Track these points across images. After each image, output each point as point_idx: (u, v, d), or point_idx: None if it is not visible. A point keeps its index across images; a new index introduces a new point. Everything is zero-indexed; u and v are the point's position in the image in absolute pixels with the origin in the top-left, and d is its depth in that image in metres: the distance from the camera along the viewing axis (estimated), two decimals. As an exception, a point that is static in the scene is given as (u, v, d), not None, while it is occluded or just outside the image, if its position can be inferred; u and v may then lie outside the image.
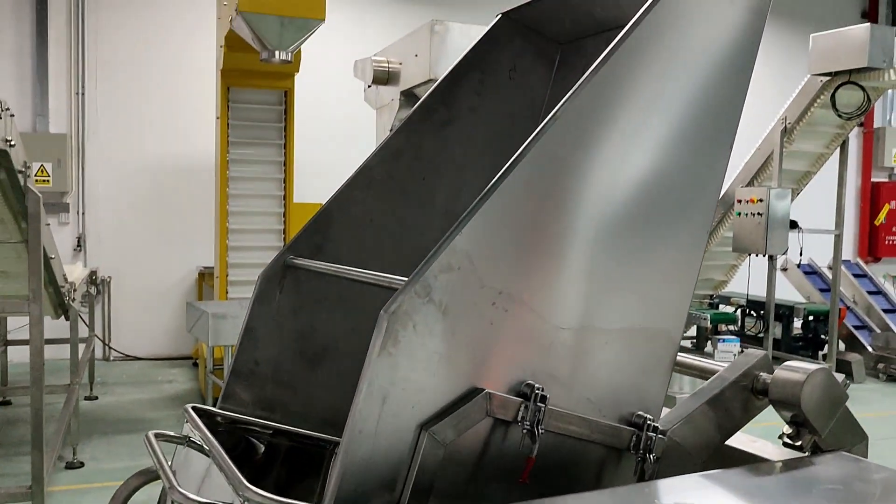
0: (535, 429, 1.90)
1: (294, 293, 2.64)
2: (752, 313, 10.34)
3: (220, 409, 2.56)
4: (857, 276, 11.14)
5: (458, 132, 2.78)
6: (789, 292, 10.88)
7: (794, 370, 2.34)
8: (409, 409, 1.76)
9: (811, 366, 2.34)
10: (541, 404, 1.90)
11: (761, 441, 2.51)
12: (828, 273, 10.38)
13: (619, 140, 2.02)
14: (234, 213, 8.04)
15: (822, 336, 9.76)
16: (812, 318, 9.89)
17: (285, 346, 2.65)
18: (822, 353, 9.81)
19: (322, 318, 2.68)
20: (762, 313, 9.56)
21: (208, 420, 2.39)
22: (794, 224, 8.68)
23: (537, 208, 1.91)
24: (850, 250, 13.64)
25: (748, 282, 9.66)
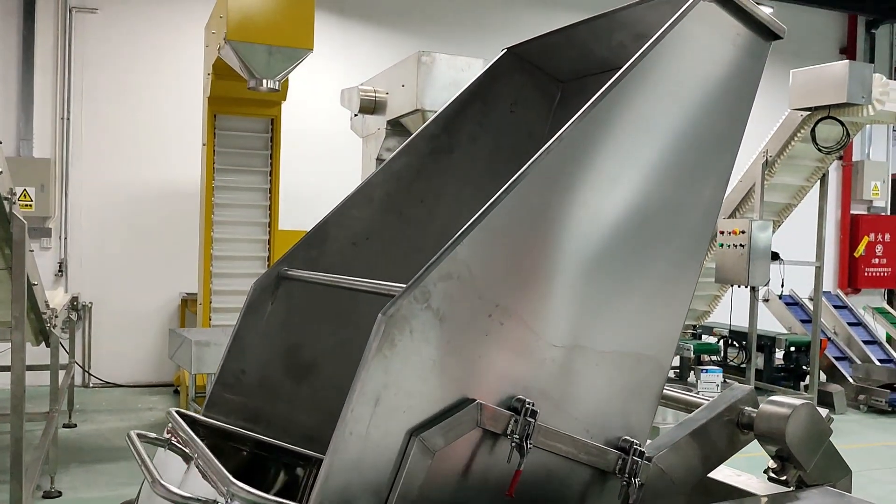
0: (523, 443, 1.92)
1: (285, 306, 2.65)
2: (735, 344, 10.38)
3: (204, 415, 2.55)
4: (837, 307, 11.23)
5: (458, 159, 2.84)
6: (771, 323, 10.94)
7: (779, 405, 2.36)
8: (401, 414, 1.78)
9: (796, 401, 2.36)
10: (531, 419, 1.93)
11: (746, 475, 2.52)
12: (809, 304, 10.45)
13: (612, 170, 2.08)
14: (218, 239, 8.02)
15: (804, 367, 9.81)
16: (793, 348, 9.94)
17: (273, 359, 2.65)
18: (803, 384, 9.86)
19: (311, 333, 2.69)
20: (744, 344, 9.61)
21: (191, 426, 2.40)
22: (775, 255, 8.76)
23: (535, 226, 1.96)
24: (830, 282, 13.76)
25: (730, 312, 9.72)
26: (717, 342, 10.43)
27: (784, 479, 2.38)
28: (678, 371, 9.89)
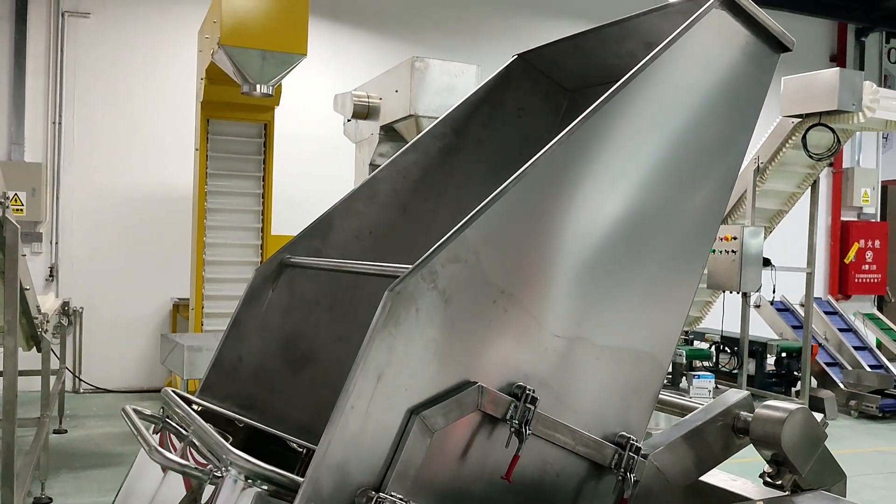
0: (522, 428, 1.93)
1: (286, 294, 2.66)
2: (727, 350, 10.41)
3: (198, 398, 2.54)
4: (828, 313, 11.28)
5: (464, 160, 2.87)
6: (762, 329, 10.98)
7: (774, 409, 2.37)
8: (402, 392, 1.79)
9: (791, 405, 2.37)
10: (530, 406, 1.94)
11: (742, 479, 2.53)
12: (800, 310, 10.50)
13: (617, 169, 2.12)
14: (210, 244, 8.00)
15: (795, 373, 9.84)
16: (785, 354, 9.98)
17: (270, 347, 2.65)
18: (794, 390, 9.89)
19: (310, 323, 2.69)
20: (736, 350, 9.63)
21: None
22: (766, 262, 8.80)
23: (541, 218, 1.99)
24: (821, 288, 13.82)
25: (722, 318, 9.75)
26: (709, 348, 10.46)
27: (779, 483, 2.39)
28: (671, 376, 9.90)
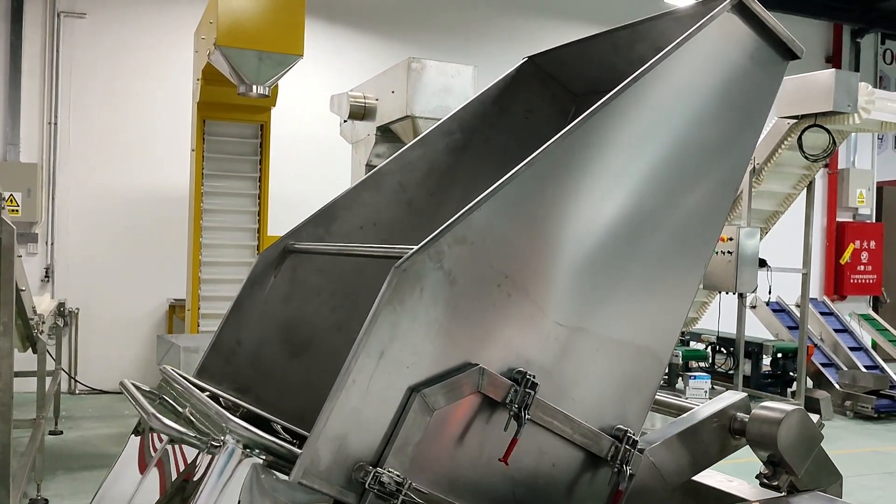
0: (521, 412, 1.94)
1: (288, 281, 2.66)
2: (723, 350, 10.42)
3: (194, 378, 2.55)
4: (823, 314, 11.30)
5: (471, 158, 2.88)
6: (758, 330, 11.00)
7: (770, 410, 2.37)
8: (404, 370, 1.80)
9: (788, 406, 2.38)
10: (530, 391, 1.95)
11: (738, 480, 2.54)
12: (796, 311, 10.52)
13: (623, 164, 2.15)
14: (207, 245, 7.98)
15: (791, 373, 9.85)
16: (780, 355, 10.00)
17: (270, 332, 2.65)
18: (790, 391, 9.90)
19: (311, 311, 2.70)
20: (732, 350, 9.65)
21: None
22: (762, 262, 8.81)
23: (548, 206, 2.01)
24: (816, 289, 13.84)
25: (718, 319, 9.77)
26: (705, 348, 10.47)
27: (776, 484, 2.40)
28: (667, 377, 9.91)
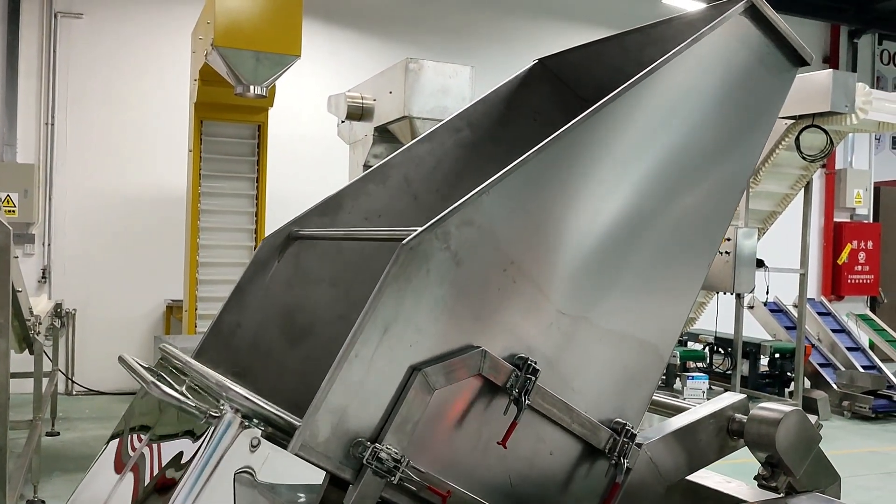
0: (522, 397, 1.94)
1: (291, 267, 2.66)
2: (720, 350, 10.43)
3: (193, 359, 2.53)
4: (821, 314, 11.31)
5: (478, 156, 2.88)
6: (756, 330, 11.00)
7: (768, 411, 2.37)
8: (407, 347, 1.81)
9: (786, 407, 2.37)
10: (531, 376, 1.96)
11: (736, 481, 2.53)
12: (793, 311, 10.52)
13: (630, 160, 2.15)
14: (204, 245, 7.97)
15: (789, 374, 9.86)
16: (778, 355, 10.00)
17: (270, 317, 2.64)
18: (788, 391, 9.91)
19: (312, 298, 2.69)
20: (730, 350, 9.64)
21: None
22: (760, 263, 8.81)
23: (555, 194, 2.02)
24: (814, 289, 13.85)
25: (716, 319, 9.76)
26: (703, 349, 10.48)
27: (774, 485, 2.39)
28: (664, 377, 9.91)
